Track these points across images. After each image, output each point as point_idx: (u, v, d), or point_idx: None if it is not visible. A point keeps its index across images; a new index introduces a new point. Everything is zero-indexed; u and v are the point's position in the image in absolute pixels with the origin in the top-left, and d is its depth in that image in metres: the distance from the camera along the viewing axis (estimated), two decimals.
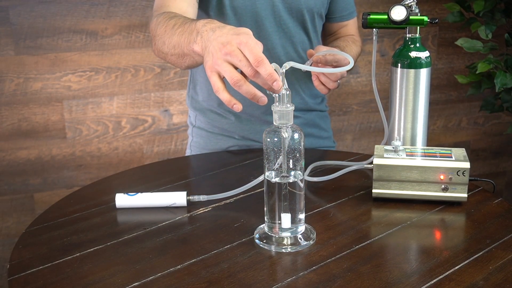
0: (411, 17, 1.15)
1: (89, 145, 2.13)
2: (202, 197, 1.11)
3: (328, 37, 1.54)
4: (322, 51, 1.19)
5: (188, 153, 1.57)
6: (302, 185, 0.95)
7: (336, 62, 1.19)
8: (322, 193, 1.16)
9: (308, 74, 0.98)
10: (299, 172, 0.94)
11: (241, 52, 0.89)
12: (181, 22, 1.09)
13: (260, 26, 1.36)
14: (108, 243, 0.98)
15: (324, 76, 1.20)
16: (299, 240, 0.96)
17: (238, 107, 0.91)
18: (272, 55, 1.38)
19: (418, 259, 0.92)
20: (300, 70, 0.97)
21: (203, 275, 0.88)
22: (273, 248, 0.95)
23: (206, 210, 1.09)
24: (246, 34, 0.91)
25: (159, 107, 2.17)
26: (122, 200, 1.10)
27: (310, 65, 1.19)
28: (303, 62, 1.43)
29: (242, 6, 1.33)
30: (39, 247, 0.97)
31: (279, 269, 0.90)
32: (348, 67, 1.04)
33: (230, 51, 0.89)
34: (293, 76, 1.42)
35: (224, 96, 0.91)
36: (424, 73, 1.18)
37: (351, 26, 1.52)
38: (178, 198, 1.10)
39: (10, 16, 1.95)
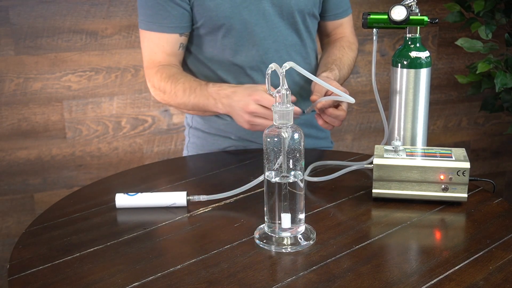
0: (411, 17, 1.15)
1: (89, 145, 2.13)
2: (202, 197, 1.11)
3: (324, 38, 1.54)
4: (325, 97, 1.22)
5: (185, 154, 1.57)
6: (302, 185, 0.95)
7: (338, 103, 1.24)
8: (322, 193, 1.16)
9: (304, 76, 0.99)
10: (299, 172, 0.94)
11: (261, 106, 1.17)
12: (190, 88, 1.31)
13: (251, 33, 1.35)
14: (108, 243, 0.98)
15: (328, 117, 1.24)
16: (299, 240, 0.96)
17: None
18: (264, 60, 1.38)
19: (418, 259, 0.92)
20: (296, 72, 1.00)
21: (203, 275, 0.88)
22: (273, 248, 0.95)
23: (206, 210, 1.09)
24: (257, 91, 1.18)
25: (159, 107, 2.17)
26: (122, 200, 1.10)
27: (313, 110, 1.27)
28: (296, 64, 1.43)
29: (230, 15, 1.32)
30: (39, 247, 0.97)
31: (279, 269, 0.90)
32: (350, 100, 1.09)
33: (253, 112, 1.18)
34: (289, 77, 1.41)
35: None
36: (424, 73, 1.18)
37: (346, 26, 1.52)
38: (178, 198, 1.10)
39: (10, 16, 1.95)
